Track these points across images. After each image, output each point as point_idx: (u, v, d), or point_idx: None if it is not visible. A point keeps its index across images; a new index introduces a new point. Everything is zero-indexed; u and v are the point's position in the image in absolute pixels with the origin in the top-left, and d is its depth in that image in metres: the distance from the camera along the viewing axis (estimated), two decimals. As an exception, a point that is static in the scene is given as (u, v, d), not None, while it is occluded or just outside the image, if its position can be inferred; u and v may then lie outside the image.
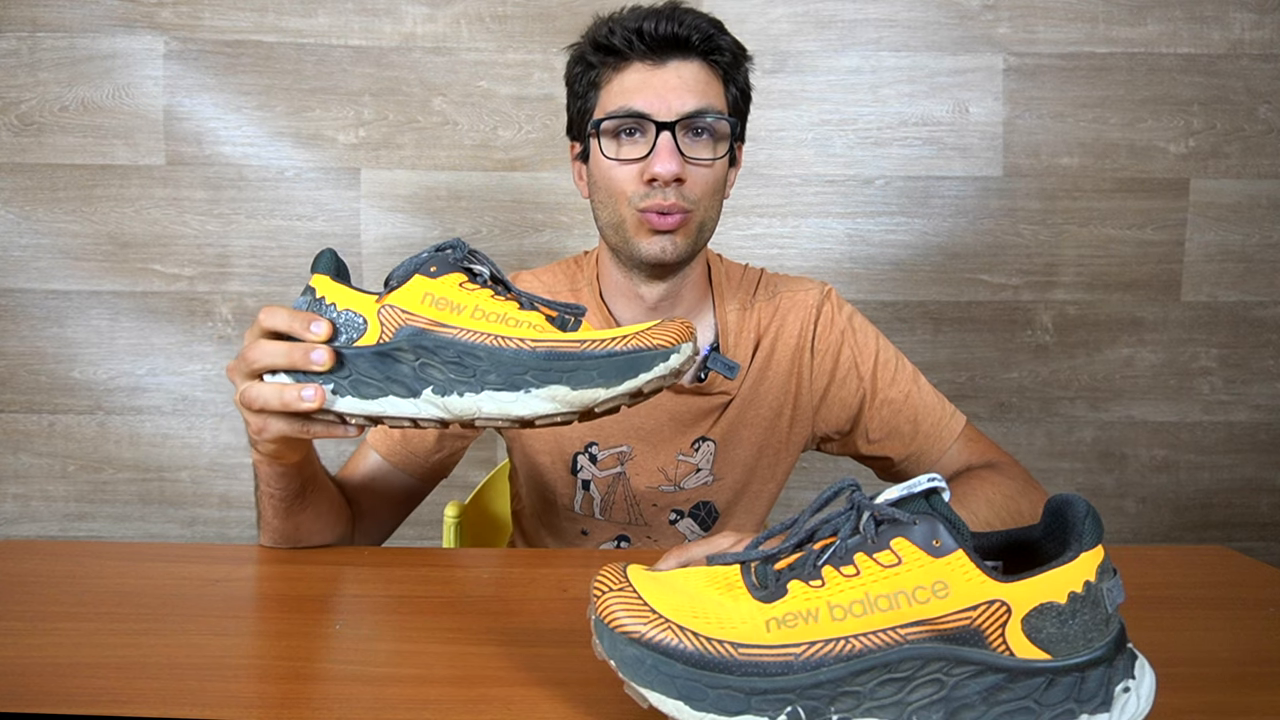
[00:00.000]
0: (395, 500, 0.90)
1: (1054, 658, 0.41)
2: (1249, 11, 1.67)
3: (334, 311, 0.59)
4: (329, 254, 0.61)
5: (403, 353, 0.56)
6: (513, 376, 0.55)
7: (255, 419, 0.61)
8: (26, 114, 1.64)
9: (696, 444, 0.93)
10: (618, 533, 0.96)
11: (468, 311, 0.56)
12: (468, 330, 0.55)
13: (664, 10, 0.82)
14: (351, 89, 1.65)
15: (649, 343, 0.54)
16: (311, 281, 0.61)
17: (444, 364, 0.55)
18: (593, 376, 0.54)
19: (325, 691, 0.51)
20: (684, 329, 0.56)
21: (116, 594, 0.65)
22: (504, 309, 0.56)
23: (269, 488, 0.72)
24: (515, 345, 0.55)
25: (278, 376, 0.59)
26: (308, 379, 0.58)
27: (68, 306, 1.68)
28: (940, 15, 1.67)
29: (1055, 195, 1.70)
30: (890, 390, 0.92)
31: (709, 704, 0.42)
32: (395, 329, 0.56)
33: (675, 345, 0.55)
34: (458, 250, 0.59)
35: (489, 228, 1.69)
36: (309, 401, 0.57)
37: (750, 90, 0.90)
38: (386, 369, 0.57)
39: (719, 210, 0.88)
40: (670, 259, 0.84)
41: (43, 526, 1.73)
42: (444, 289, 0.57)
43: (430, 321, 0.56)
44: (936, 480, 0.43)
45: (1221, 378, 1.75)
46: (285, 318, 0.59)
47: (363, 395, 0.58)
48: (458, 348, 0.55)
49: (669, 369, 0.55)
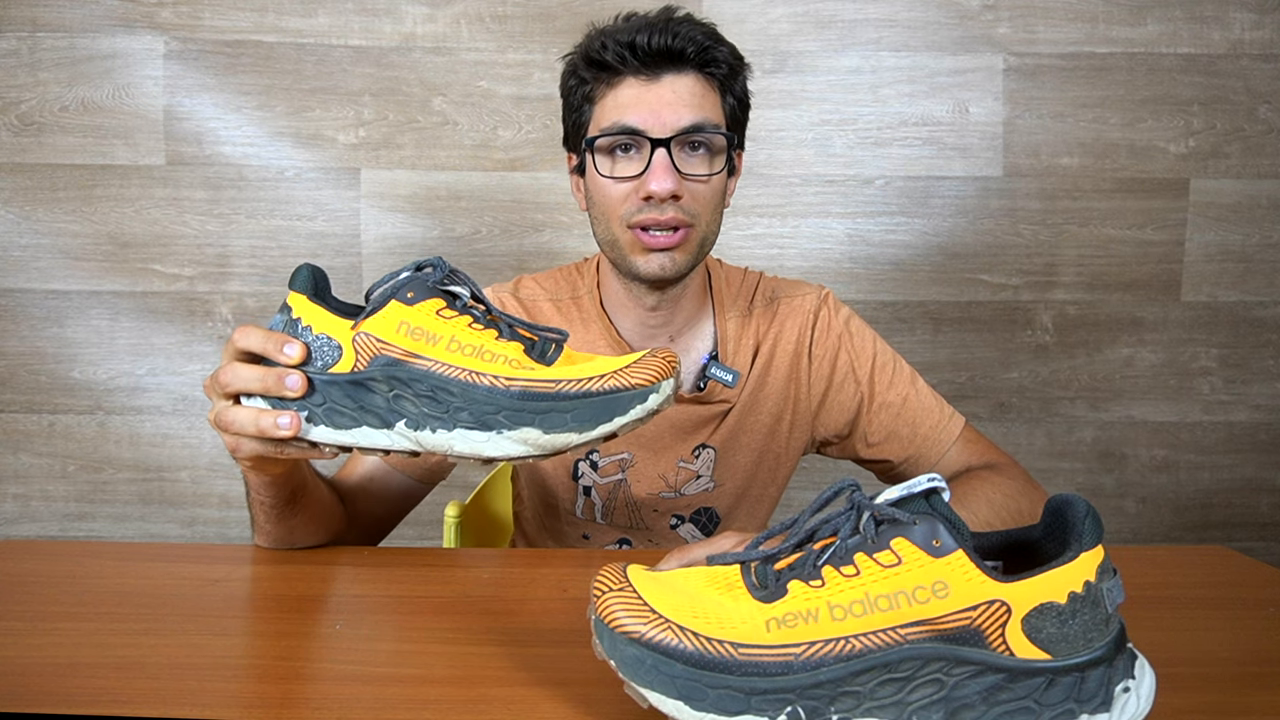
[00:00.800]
0: (393, 500, 0.90)
1: (1054, 658, 0.41)
2: (1249, 11, 1.67)
3: (309, 334, 0.57)
4: (306, 270, 0.59)
5: (376, 383, 0.55)
6: (485, 415, 0.54)
7: (230, 439, 0.61)
8: (26, 114, 1.64)
9: (697, 451, 0.93)
10: (619, 537, 0.96)
11: (443, 342, 0.55)
12: (442, 363, 0.54)
13: (657, 22, 0.80)
14: (351, 89, 1.65)
15: (627, 382, 0.53)
16: (288, 299, 0.59)
17: (417, 397, 0.55)
18: (566, 420, 0.53)
19: (325, 691, 0.51)
20: (666, 365, 0.54)
21: (116, 594, 0.65)
22: (481, 340, 0.55)
23: (258, 495, 0.71)
24: (489, 382, 0.54)
25: (253, 400, 0.59)
26: (282, 405, 0.58)
27: (68, 306, 1.68)
28: (940, 15, 1.67)
29: (1055, 195, 1.70)
30: (888, 393, 0.92)
31: (709, 704, 0.42)
32: (370, 358, 0.55)
33: (654, 384, 0.53)
34: (437, 271, 0.57)
35: (489, 228, 1.69)
36: (285, 429, 0.57)
37: (749, 97, 0.88)
38: (360, 398, 0.56)
39: (720, 223, 0.87)
40: (670, 276, 0.83)
41: (43, 526, 1.73)
42: (420, 318, 0.55)
43: (405, 352, 0.55)
44: (936, 480, 0.43)
45: (1221, 378, 1.75)
46: (259, 339, 0.58)
47: (336, 425, 0.57)
48: (431, 381, 0.54)
49: (646, 410, 0.53)
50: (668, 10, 0.83)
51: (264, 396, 0.58)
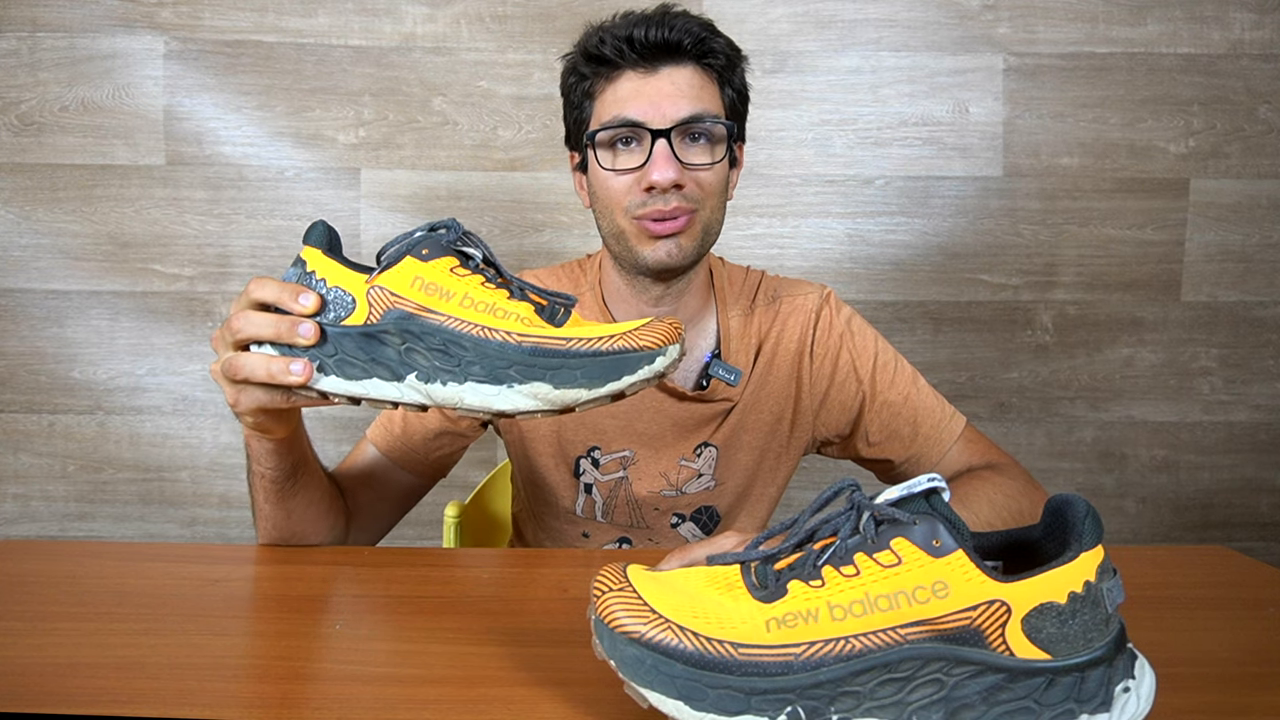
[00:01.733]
0: (393, 497, 0.90)
1: (1054, 658, 0.41)
2: (1249, 11, 1.67)
3: (324, 287, 0.58)
4: (322, 226, 0.60)
5: (389, 335, 0.56)
6: (496, 370, 0.54)
7: (232, 389, 0.61)
8: (26, 114, 1.64)
9: (698, 449, 0.93)
10: (619, 536, 0.96)
11: (457, 299, 0.56)
12: (455, 318, 0.55)
13: (654, 16, 0.81)
14: (351, 89, 1.65)
15: (635, 343, 0.54)
16: (302, 253, 0.60)
17: (429, 350, 0.55)
18: (576, 376, 0.54)
19: (325, 691, 0.51)
20: (672, 330, 0.55)
21: (116, 594, 0.65)
22: (493, 298, 0.56)
23: (260, 466, 0.72)
24: (501, 338, 0.54)
25: (263, 348, 0.59)
26: (292, 353, 0.58)
27: (68, 306, 1.68)
28: (940, 15, 1.67)
29: (1055, 195, 1.70)
30: (889, 392, 0.92)
31: (709, 704, 0.42)
32: (383, 311, 0.56)
33: (661, 347, 0.54)
34: (451, 231, 0.58)
35: (489, 228, 1.69)
36: (296, 376, 0.57)
37: (748, 90, 0.89)
38: (372, 350, 0.56)
39: (723, 213, 0.87)
40: (676, 263, 0.84)
41: (43, 526, 1.73)
42: (435, 274, 0.56)
43: (419, 306, 0.55)
44: (936, 480, 0.43)
45: (1221, 378, 1.75)
46: (274, 289, 0.58)
47: (347, 375, 0.57)
48: (444, 335, 0.55)
49: (653, 372, 0.54)
50: (664, 7, 0.84)
51: (274, 344, 0.58)
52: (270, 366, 0.58)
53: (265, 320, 0.58)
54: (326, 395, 0.59)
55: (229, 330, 0.60)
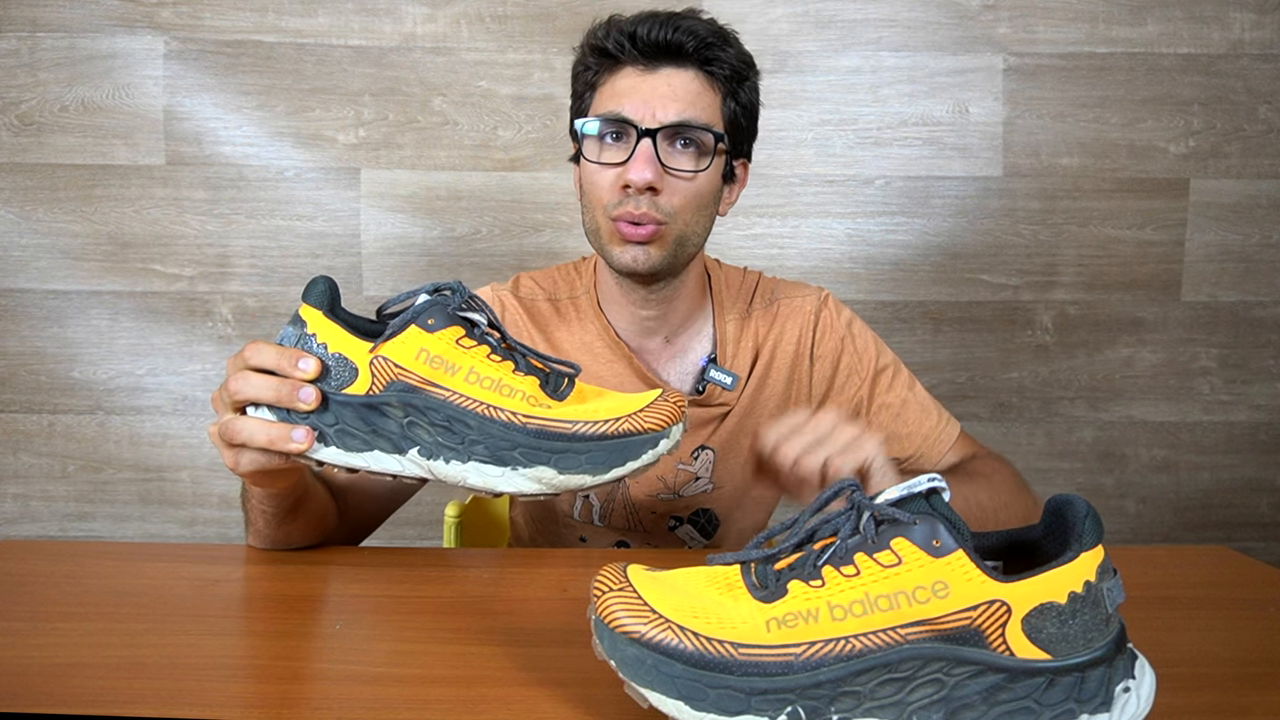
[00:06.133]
0: (383, 497, 0.89)
1: (1054, 658, 0.41)
2: (1249, 11, 1.67)
3: (324, 351, 0.56)
4: (323, 283, 0.58)
5: (391, 408, 0.55)
6: (500, 450, 0.54)
7: (230, 452, 0.59)
8: (26, 114, 1.64)
9: (696, 453, 0.93)
10: (617, 539, 0.96)
11: (463, 373, 0.55)
12: (460, 394, 0.54)
13: (664, 16, 0.80)
14: (351, 89, 1.65)
15: (640, 426, 0.54)
16: (302, 312, 0.58)
17: (433, 426, 0.55)
18: (580, 461, 0.54)
19: (325, 691, 0.51)
20: (675, 409, 0.55)
21: (116, 594, 0.65)
22: (499, 373, 0.55)
23: (261, 505, 0.70)
24: (506, 418, 0.54)
25: (261, 411, 0.58)
26: (291, 418, 0.56)
27: (68, 306, 1.68)
28: (940, 15, 1.67)
29: (1055, 195, 1.70)
30: (888, 395, 0.92)
31: (709, 704, 0.42)
32: (386, 382, 0.55)
33: (665, 429, 0.54)
34: (457, 296, 0.57)
35: (489, 228, 1.69)
36: (298, 444, 0.56)
37: (757, 108, 0.88)
38: (373, 422, 0.55)
39: (705, 225, 0.86)
40: (642, 269, 0.83)
41: (43, 526, 1.73)
42: (440, 346, 0.55)
43: (423, 380, 0.55)
44: (937, 480, 0.43)
45: (1221, 378, 1.75)
46: (273, 355, 0.57)
47: (347, 447, 0.56)
48: (448, 411, 0.54)
49: (656, 455, 0.54)
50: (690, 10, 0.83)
51: (273, 408, 0.57)
52: (270, 432, 0.56)
53: (266, 383, 0.56)
54: (324, 464, 0.58)
55: (227, 392, 0.58)
